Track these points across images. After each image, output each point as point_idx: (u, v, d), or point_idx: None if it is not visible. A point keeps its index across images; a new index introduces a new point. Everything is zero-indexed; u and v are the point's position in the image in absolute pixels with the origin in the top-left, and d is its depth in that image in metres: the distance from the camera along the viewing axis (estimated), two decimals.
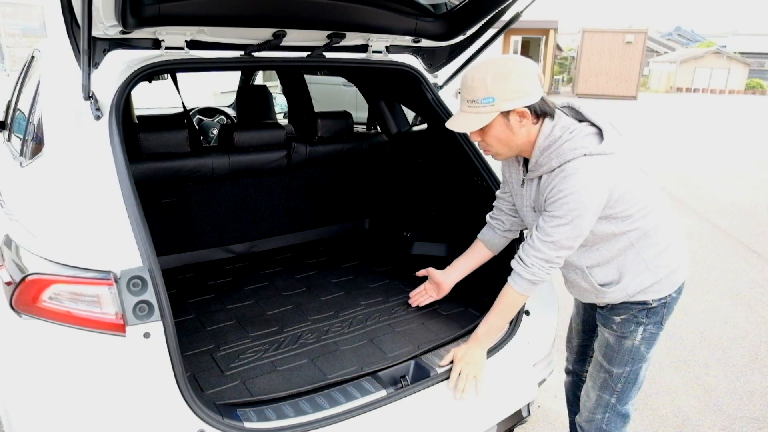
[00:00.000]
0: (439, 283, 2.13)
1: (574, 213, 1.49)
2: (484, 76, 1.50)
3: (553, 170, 1.53)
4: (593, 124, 1.58)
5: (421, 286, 2.23)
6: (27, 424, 1.39)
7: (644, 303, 1.68)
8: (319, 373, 1.80)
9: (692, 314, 3.84)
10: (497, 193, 1.96)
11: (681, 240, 1.72)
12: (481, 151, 1.73)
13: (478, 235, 2.02)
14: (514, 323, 1.95)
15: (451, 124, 1.59)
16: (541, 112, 1.55)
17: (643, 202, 1.58)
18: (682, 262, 1.72)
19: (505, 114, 1.52)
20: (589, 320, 1.98)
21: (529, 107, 1.51)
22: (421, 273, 2.23)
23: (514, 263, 1.66)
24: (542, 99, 1.54)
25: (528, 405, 1.99)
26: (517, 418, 1.96)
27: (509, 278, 1.68)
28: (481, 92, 1.50)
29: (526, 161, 1.68)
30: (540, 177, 1.59)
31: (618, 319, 1.72)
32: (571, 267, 1.71)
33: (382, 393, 1.67)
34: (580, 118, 1.62)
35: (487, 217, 1.99)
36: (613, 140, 1.53)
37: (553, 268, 1.62)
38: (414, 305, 2.22)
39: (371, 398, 1.64)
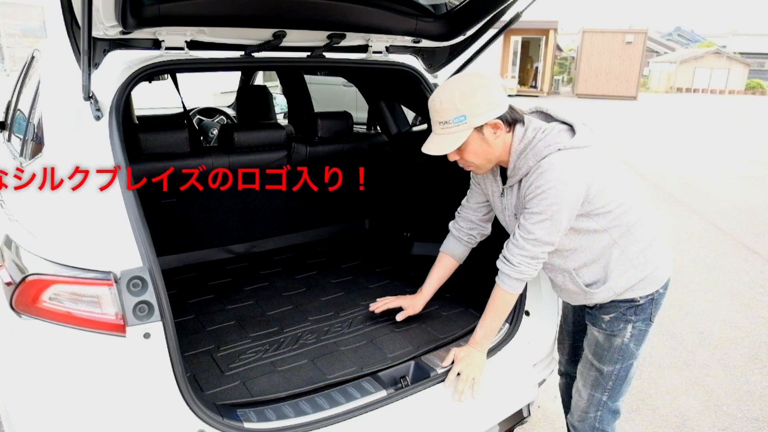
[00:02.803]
0: (407, 306, 2.12)
1: (553, 208, 1.51)
2: (451, 96, 1.53)
3: (531, 170, 1.55)
4: (564, 122, 1.62)
5: (392, 298, 2.18)
6: (27, 424, 1.39)
7: (632, 300, 1.69)
8: (319, 374, 1.80)
9: (692, 314, 3.84)
10: (467, 204, 1.96)
11: (662, 236, 1.75)
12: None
13: (443, 250, 2.03)
14: (514, 324, 1.95)
15: (427, 149, 1.60)
16: (512, 120, 1.58)
17: (621, 198, 1.61)
18: (666, 258, 1.74)
19: (479, 129, 1.54)
20: (579, 321, 1.98)
21: (500, 117, 1.54)
22: (387, 306, 2.15)
23: (500, 264, 1.67)
24: (510, 107, 1.57)
25: (528, 405, 1.99)
26: (518, 418, 1.97)
27: (497, 279, 1.69)
28: (451, 113, 1.53)
29: (502, 172, 1.72)
30: (519, 181, 1.61)
31: (607, 317, 1.73)
32: (558, 270, 1.72)
33: (382, 393, 1.67)
34: (550, 119, 1.66)
35: (454, 230, 2.00)
36: (585, 134, 1.56)
37: (539, 264, 1.63)
38: (378, 311, 2.15)
39: (371, 399, 1.64)
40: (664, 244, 1.74)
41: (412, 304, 2.11)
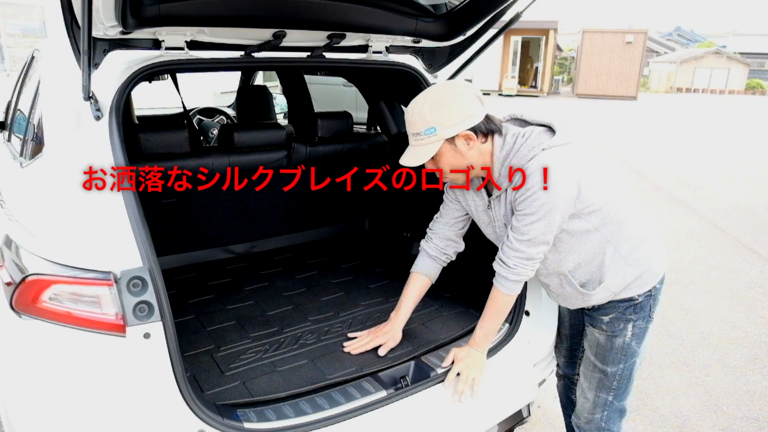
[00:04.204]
0: (387, 340, 1.92)
1: (545, 208, 1.50)
2: (421, 108, 1.53)
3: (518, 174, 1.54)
4: (541, 125, 1.61)
5: (366, 332, 1.98)
6: (27, 424, 1.39)
7: (630, 299, 1.68)
8: (319, 374, 1.80)
9: (692, 314, 3.84)
10: (441, 220, 1.89)
11: (655, 231, 1.74)
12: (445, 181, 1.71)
13: (417, 270, 1.93)
14: (514, 324, 1.95)
15: (403, 161, 1.60)
16: (487, 131, 1.57)
17: (609, 193, 1.61)
18: (660, 253, 1.74)
19: (451, 140, 1.54)
20: (576, 324, 1.98)
21: (473, 129, 1.53)
22: (366, 347, 1.92)
23: (496, 266, 1.67)
24: (487, 117, 1.56)
25: (528, 405, 1.99)
26: (518, 418, 1.97)
27: (495, 281, 1.69)
28: (421, 125, 1.53)
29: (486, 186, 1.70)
30: (507, 190, 1.60)
31: (606, 318, 1.73)
32: (554, 274, 1.71)
33: (382, 393, 1.67)
34: (526, 124, 1.65)
35: (429, 249, 1.91)
36: (566, 132, 1.56)
37: (536, 264, 1.63)
38: (355, 353, 1.91)
39: (371, 399, 1.64)
40: (656, 238, 1.74)
41: (392, 335, 1.92)
